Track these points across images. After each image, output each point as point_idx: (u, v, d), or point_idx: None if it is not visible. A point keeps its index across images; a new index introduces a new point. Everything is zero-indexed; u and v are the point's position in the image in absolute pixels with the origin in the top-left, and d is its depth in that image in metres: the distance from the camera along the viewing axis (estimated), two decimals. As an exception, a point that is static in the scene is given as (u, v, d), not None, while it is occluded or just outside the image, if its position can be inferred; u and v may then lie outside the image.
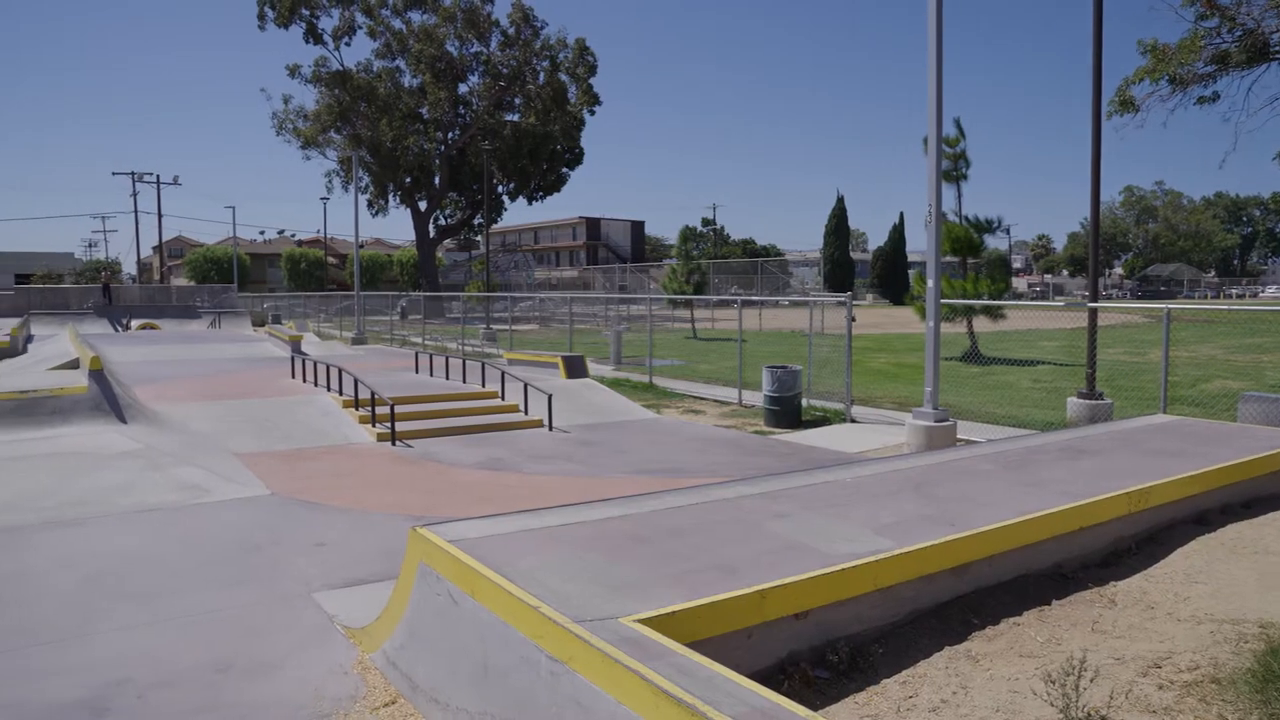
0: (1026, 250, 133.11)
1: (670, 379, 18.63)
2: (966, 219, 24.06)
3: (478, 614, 4.11)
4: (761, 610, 4.07)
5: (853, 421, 13.40)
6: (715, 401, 15.83)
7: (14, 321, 27.82)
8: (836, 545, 4.81)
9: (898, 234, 77.88)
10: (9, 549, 7.04)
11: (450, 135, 55.99)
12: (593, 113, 56.71)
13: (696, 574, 4.35)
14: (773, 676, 4.07)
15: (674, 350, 26.81)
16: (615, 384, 17.02)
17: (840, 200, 73.82)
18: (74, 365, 14.52)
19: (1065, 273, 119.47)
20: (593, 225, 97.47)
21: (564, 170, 58.94)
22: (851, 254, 78.02)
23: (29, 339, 23.43)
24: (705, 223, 76.98)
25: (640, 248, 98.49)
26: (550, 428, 12.61)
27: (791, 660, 4.19)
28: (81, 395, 10.94)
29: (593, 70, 55.47)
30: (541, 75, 54.80)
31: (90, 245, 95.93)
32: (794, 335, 31.22)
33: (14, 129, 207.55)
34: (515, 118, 55.85)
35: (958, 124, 23.90)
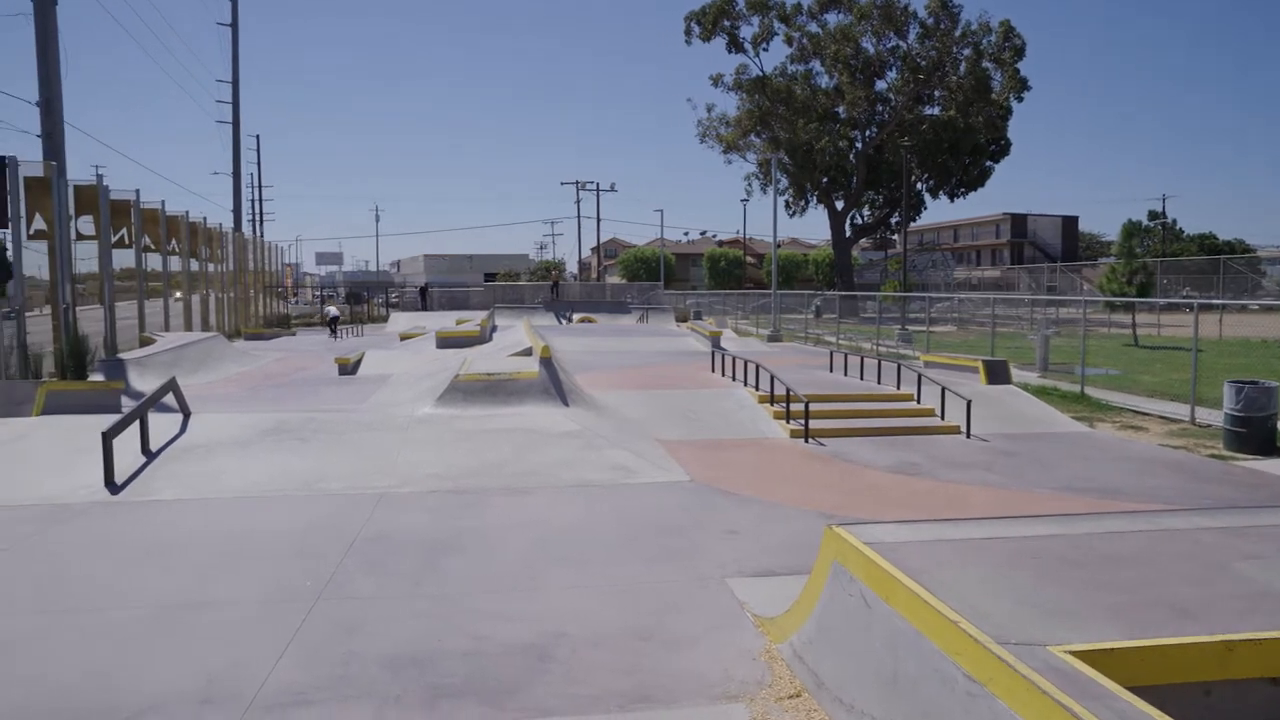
0: None
1: (1105, 390, 16.81)
2: None
3: (890, 620, 3.99)
4: (1226, 665, 3.49)
5: (1348, 451, 11.11)
6: (1159, 418, 14.00)
7: (483, 314, 32.44)
8: (1331, 598, 3.98)
9: None
10: (475, 508, 8.21)
11: (867, 133, 55.43)
12: (1020, 99, 52.86)
13: (1140, 609, 3.85)
14: (1236, 745, 3.47)
15: (1110, 358, 24.18)
16: (1040, 392, 15.72)
17: (1337, 184, 61.60)
18: (527, 353, 16.53)
19: None
20: (1018, 222, 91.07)
21: (987, 164, 55.65)
22: (1351, 249, 64.77)
23: (494, 329, 27.13)
24: (1153, 216, 68.43)
25: (1072, 245, 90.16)
26: (968, 435, 11.98)
27: (1264, 730, 3.55)
28: (533, 380, 12.42)
29: (1020, 54, 51.65)
30: (962, 65, 52.18)
31: (541, 247, 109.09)
32: (1265, 345, 26.67)
33: (486, 148, 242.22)
34: (935, 111, 53.84)
35: None
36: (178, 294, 25.95)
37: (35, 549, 7.11)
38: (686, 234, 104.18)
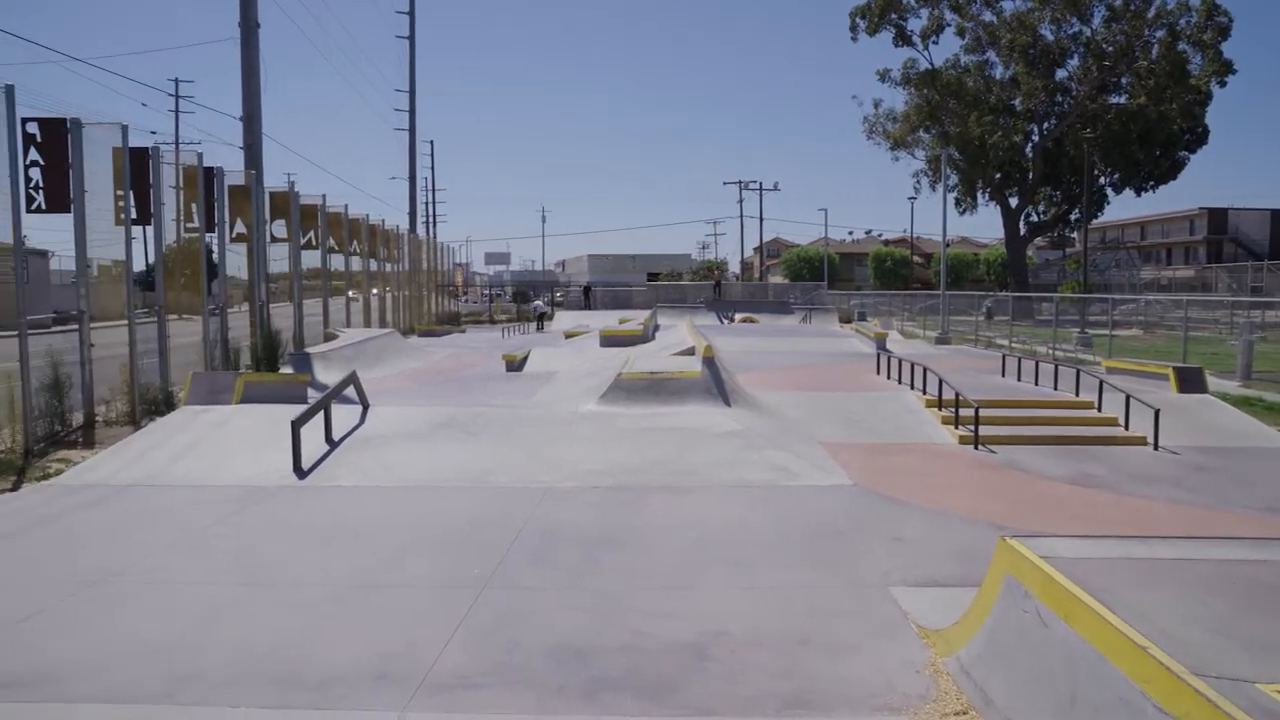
0: None
1: (1318, 401, 15.31)
2: None
3: (1069, 640, 3.76)
4: None
5: None
6: (1387, 433, 12.61)
7: (645, 313, 32.77)
8: None
9: None
10: (636, 505, 8.30)
11: (1045, 126, 52.59)
12: (1223, 84, 48.62)
13: (1368, 648, 3.46)
14: None
15: (1324, 366, 22.00)
16: (1242, 402, 14.48)
17: None
18: (690, 352, 16.60)
19: None
20: (1217, 217, 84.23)
21: (1181, 154, 51.61)
22: None
23: (656, 328, 27.35)
24: (1383, 209, 61.66)
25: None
26: (1155, 446, 11.16)
27: None
28: (695, 379, 12.45)
29: (1224, 33, 47.42)
30: (1155, 48, 48.56)
31: (703, 247, 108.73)
32: None
33: (649, 148, 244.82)
34: (1121, 100, 50.43)
35: None
36: (352, 292, 27.47)
37: (235, 526, 7.72)
38: (851, 233, 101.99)
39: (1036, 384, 14.66)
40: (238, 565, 6.66)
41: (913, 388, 14.01)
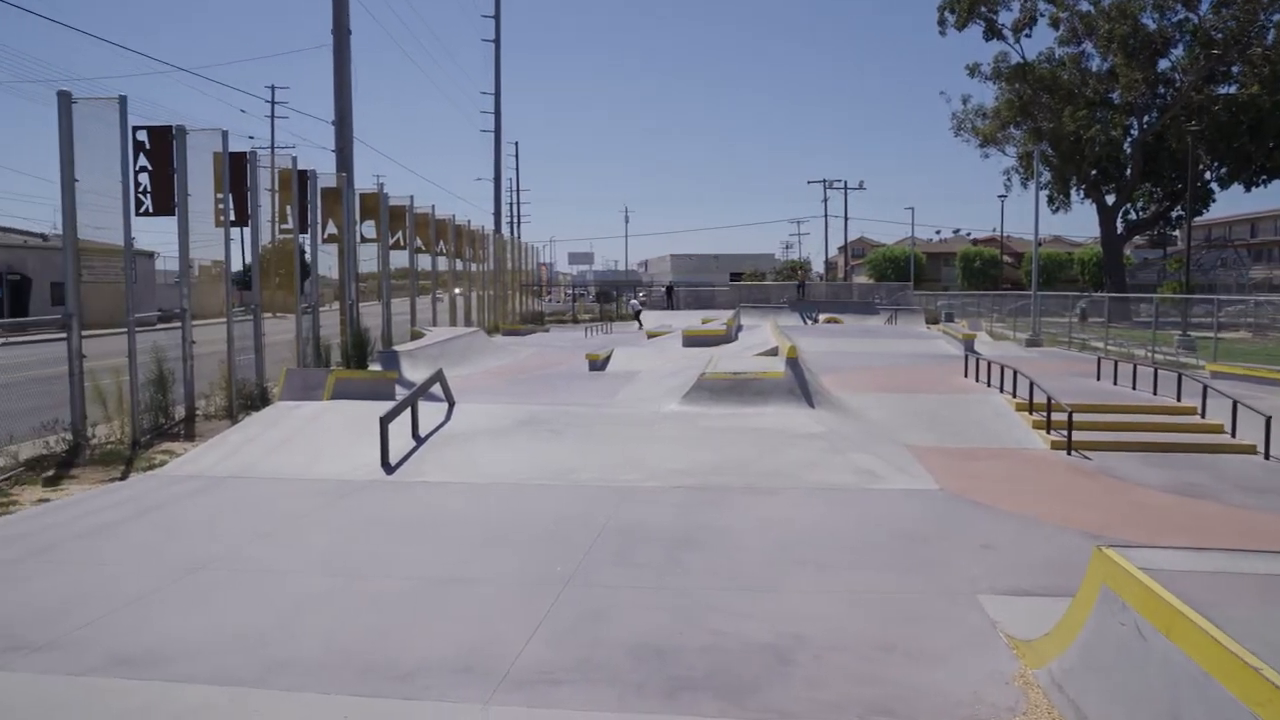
0: None
1: None
2: None
3: (1170, 655, 3.60)
4: None
5: None
6: None
7: (728, 314, 32.58)
8: None
9: None
10: (717, 506, 8.27)
11: (1145, 119, 50.52)
12: (1351, 66, 45.90)
13: None
14: None
15: None
16: (1358, 409, 13.69)
17: None
18: (773, 353, 16.46)
19: None
20: (1334, 213, 79.88)
21: (1298, 145, 49.01)
22: None
23: (739, 329, 27.19)
24: None
25: (1406, 240, 77.87)
26: (1266, 455, 10.62)
27: None
28: (779, 380, 12.34)
29: (1358, 10, 44.73)
30: (1271, 33, 46.05)
31: (787, 246, 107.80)
32: None
33: (732, 148, 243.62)
34: (1231, 90, 48.04)
35: None
36: (439, 291, 27.99)
37: (325, 520, 7.94)
38: (938, 232, 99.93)
39: (1134, 388, 14.13)
40: (328, 557, 6.85)
41: (1002, 390, 13.63)
